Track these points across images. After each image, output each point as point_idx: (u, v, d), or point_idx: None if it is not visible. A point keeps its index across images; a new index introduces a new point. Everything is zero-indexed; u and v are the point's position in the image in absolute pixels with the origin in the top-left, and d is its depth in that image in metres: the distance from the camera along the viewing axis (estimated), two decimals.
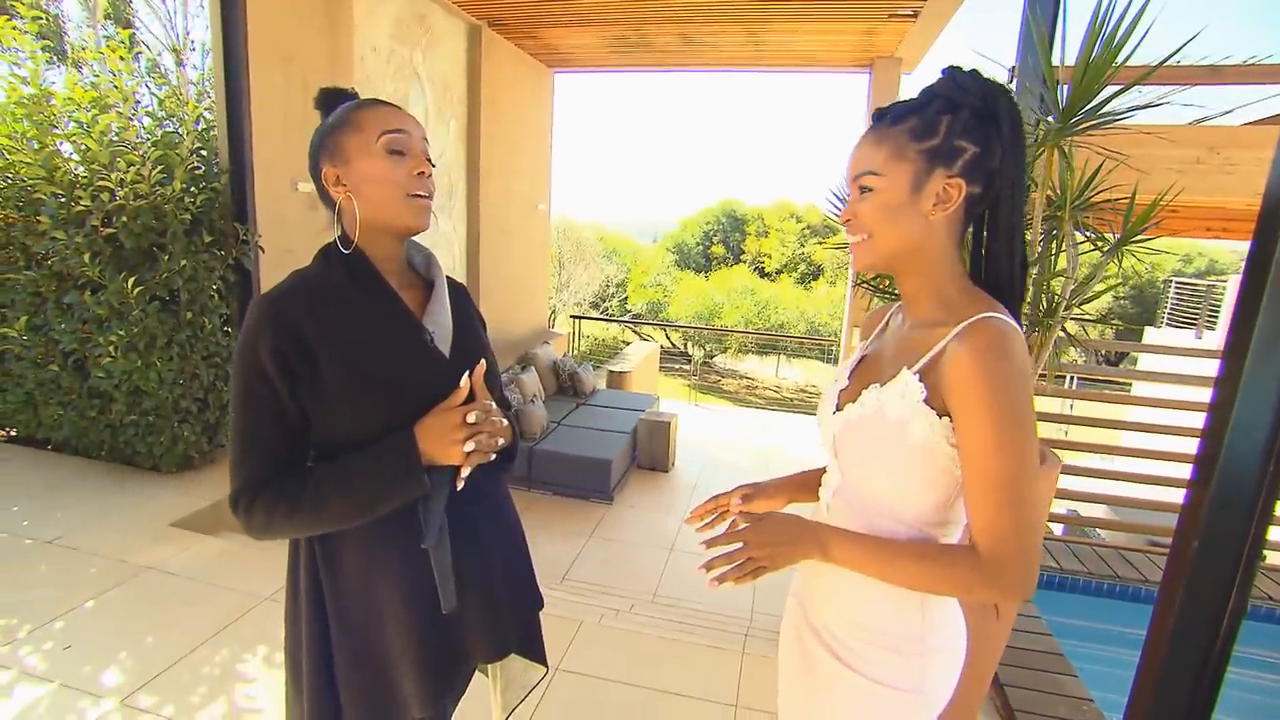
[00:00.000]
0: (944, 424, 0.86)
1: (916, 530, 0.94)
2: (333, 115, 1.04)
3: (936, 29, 5.28)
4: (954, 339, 0.85)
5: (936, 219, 0.90)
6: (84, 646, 2.28)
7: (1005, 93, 0.88)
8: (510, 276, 6.88)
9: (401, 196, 1.00)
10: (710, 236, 28.93)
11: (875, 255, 0.94)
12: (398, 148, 1.00)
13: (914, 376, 0.89)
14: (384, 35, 4.57)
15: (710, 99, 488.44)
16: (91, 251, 3.12)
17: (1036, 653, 2.47)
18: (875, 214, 0.91)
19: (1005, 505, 0.81)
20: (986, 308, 0.87)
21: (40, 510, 3.17)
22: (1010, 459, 0.81)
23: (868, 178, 0.91)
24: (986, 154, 0.88)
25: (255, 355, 0.94)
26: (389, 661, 1.04)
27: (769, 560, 0.89)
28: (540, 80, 7.28)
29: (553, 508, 4.96)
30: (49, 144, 3.32)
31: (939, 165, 0.88)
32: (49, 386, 3.50)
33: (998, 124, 0.88)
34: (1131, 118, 1.56)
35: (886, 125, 0.92)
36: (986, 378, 0.81)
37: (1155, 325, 13.22)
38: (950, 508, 0.92)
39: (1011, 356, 0.82)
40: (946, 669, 0.98)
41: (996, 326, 0.84)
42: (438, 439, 0.98)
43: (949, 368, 0.85)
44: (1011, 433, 0.80)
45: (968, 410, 0.83)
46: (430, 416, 0.99)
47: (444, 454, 0.98)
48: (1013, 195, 0.90)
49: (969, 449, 0.83)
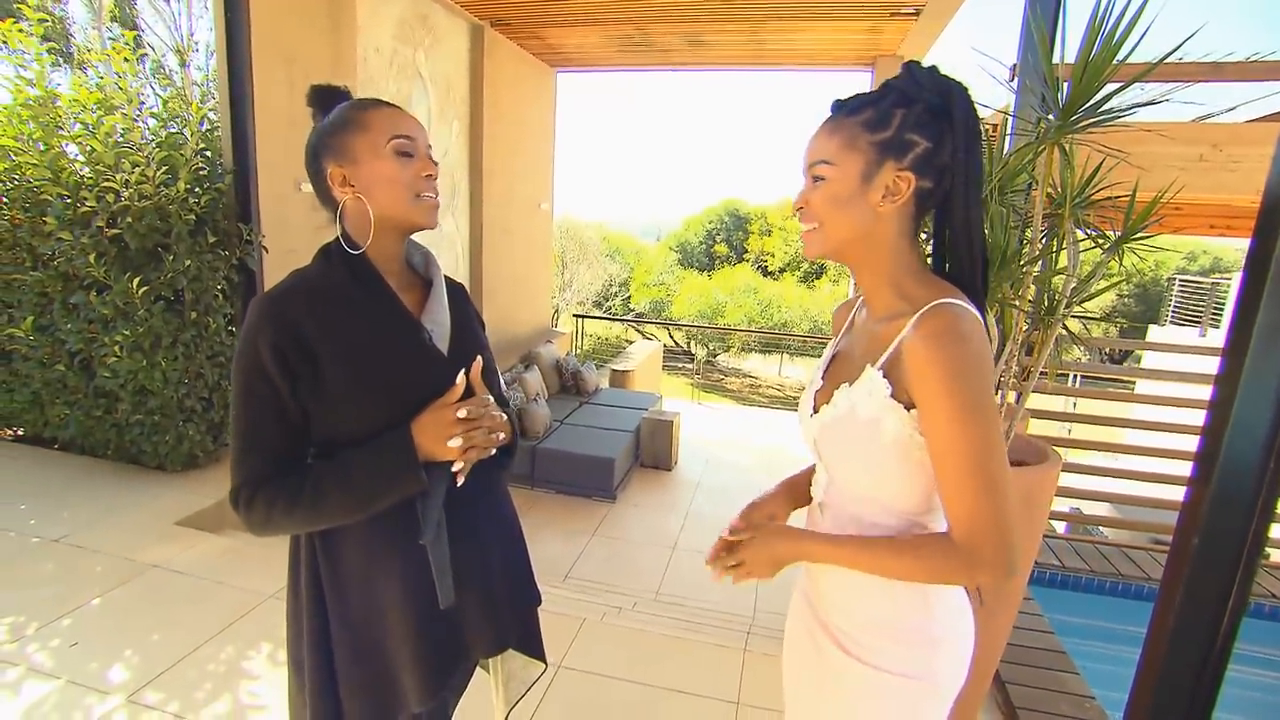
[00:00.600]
0: (912, 416, 0.87)
1: (907, 520, 0.95)
2: (334, 114, 1.04)
3: (939, 27, 5.28)
4: (910, 328, 0.86)
5: (885, 211, 0.91)
6: (90, 644, 2.30)
7: (960, 89, 0.89)
8: (513, 276, 6.89)
9: (411, 197, 1.02)
10: (713, 235, 28.94)
11: (825, 245, 0.95)
12: (406, 150, 1.01)
13: (878, 373, 0.90)
14: (387, 36, 4.58)
15: (713, 98, 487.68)
16: (97, 252, 3.14)
17: (1038, 650, 2.47)
18: (825, 203, 0.92)
19: (973, 487, 0.81)
20: (941, 294, 0.88)
21: (47, 509, 3.19)
22: (973, 441, 0.81)
23: (820, 167, 0.92)
24: (938, 149, 0.89)
25: (256, 353, 0.95)
26: (389, 656, 1.05)
27: (755, 571, 0.97)
28: (543, 80, 7.29)
29: (556, 506, 4.97)
30: (55, 145, 3.34)
31: (889, 158, 0.89)
32: (55, 386, 3.52)
33: (951, 120, 0.89)
34: (1132, 115, 1.56)
35: (843, 115, 0.93)
36: (942, 362, 0.82)
37: (1159, 323, 13.16)
38: (933, 494, 0.93)
39: (966, 340, 0.82)
40: (954, 657, 0.98)
41: (950, 311, 0.84)
42: (434, 435, 0.98)
43: (907, 358, 0.86)
44: (972, 415, 0.81)
45: (927, 397, 0.83)
46: (426, 413, 0.99)
47: (441, 450, 0.98)
48: (966, 190, 0.90)
49: (933, 435, 0.84)
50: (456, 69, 5.56)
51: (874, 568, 0.90)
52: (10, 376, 3.64)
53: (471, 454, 1.00)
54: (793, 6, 5.02)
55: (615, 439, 5.44)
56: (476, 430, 1.00)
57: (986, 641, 2.03)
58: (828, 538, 0.95)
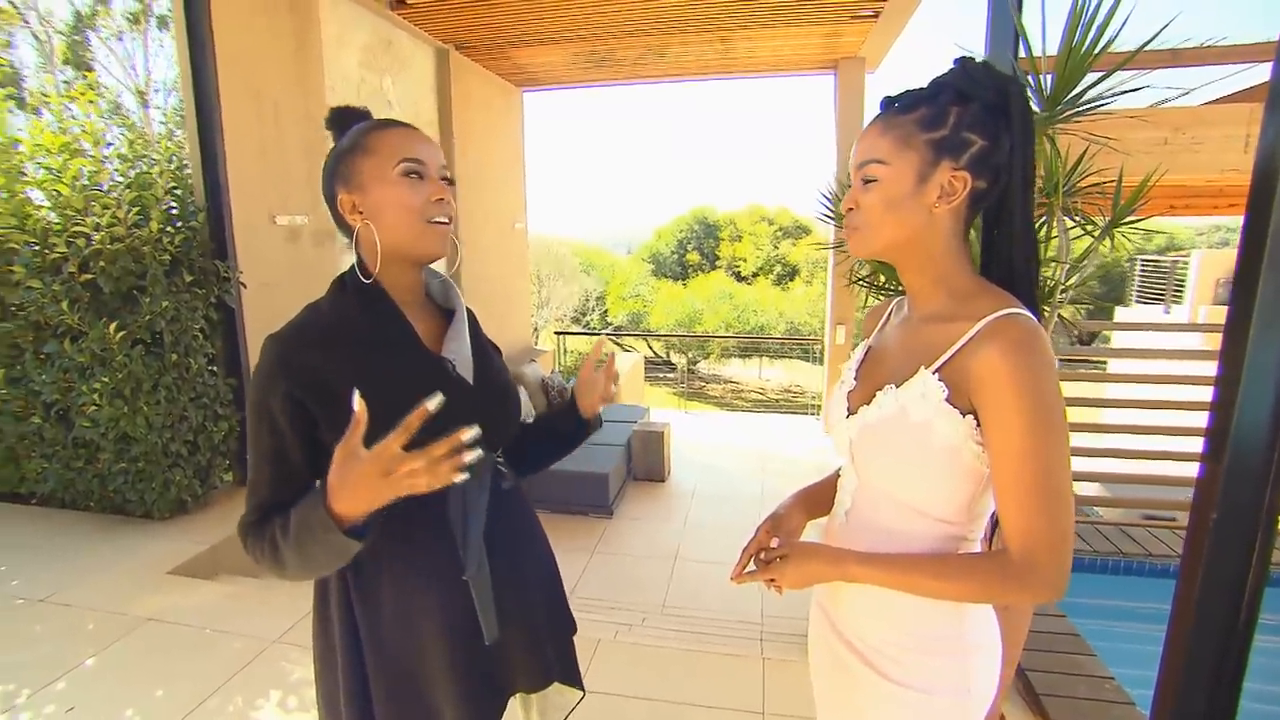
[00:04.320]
0: (968, 422, 0.84)
1: (941, 528, 0.91)
2: (346, 138, 1.00)
3: (898, 27, 5.39)
4: (979, 337, 0.83)
5: (940, 212, 0.88)
6: (89, 707, 2.20)
7: (1018, 86, 0.86)
8: (492, 296, 6.84)
9: (420, 223, 0.97)
10: (685, 244, 29.08)
11: (874, 245, 0.92)
12: (415, 171, 0.97)
13: (933, 376, 0.87)
14: (353, 63, 4.55)
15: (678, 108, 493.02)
16: (70, 299, 3.04)
17: (1053, 634, 2.49)
18: (878, 204, 0.89)
19: (1040, 506, 0.79)
20: (1004, 303, 0.85)
21: (29, 568, 3.06)
22: (1045, 459, 0.79)
23: (873, 166, 0.89)
24: (995, 148, 0.86)
25: (266, 403, 0.92)
26: (429, 695, 1.01)
27: (792, 584, 0.94)
28: (510, 100, 7.29)
29: (553, 525, 4.90)
30: (18, 192, 3.24)
31: (945, 157, 0.86)
32: (31, 439, 3.40)
33: (1008, 118, 0.86)
34: (1114, 102, 1.60)
35: (895, 113, 0.89)
36: (1019, 377, 0.79)
37: (1125, 303, 13.48)
38: (976, 502, 0.90)
39: (1042, 353, 0.80)
40: (989, 665, 0.95)
41: (1024, 324, 0.81)
42: (354, 487, 0.80)
43: (977, 367, 0.82)
44: (1046, 433, 0.78)
45: (1001, 410, 0.80)
46: (334, 470, 0.81)
47: (372, 496, 0.80)
48: (1024, 190, 0.88)
49: (1001, 450, 0.81)
50: (424, 93, 5.53)
51: (919, 588, 0.86)
52: None
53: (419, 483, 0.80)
54: (752, 15, 5.08)
55: (607, 453, 5.40)
56: (405, 463, 0.79)
57: (1012, 635, 2.04)
58: (869, 558, 0.90)
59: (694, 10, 4.96)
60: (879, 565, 0.89)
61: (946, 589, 0.85)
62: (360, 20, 4.58)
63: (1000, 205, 0.91)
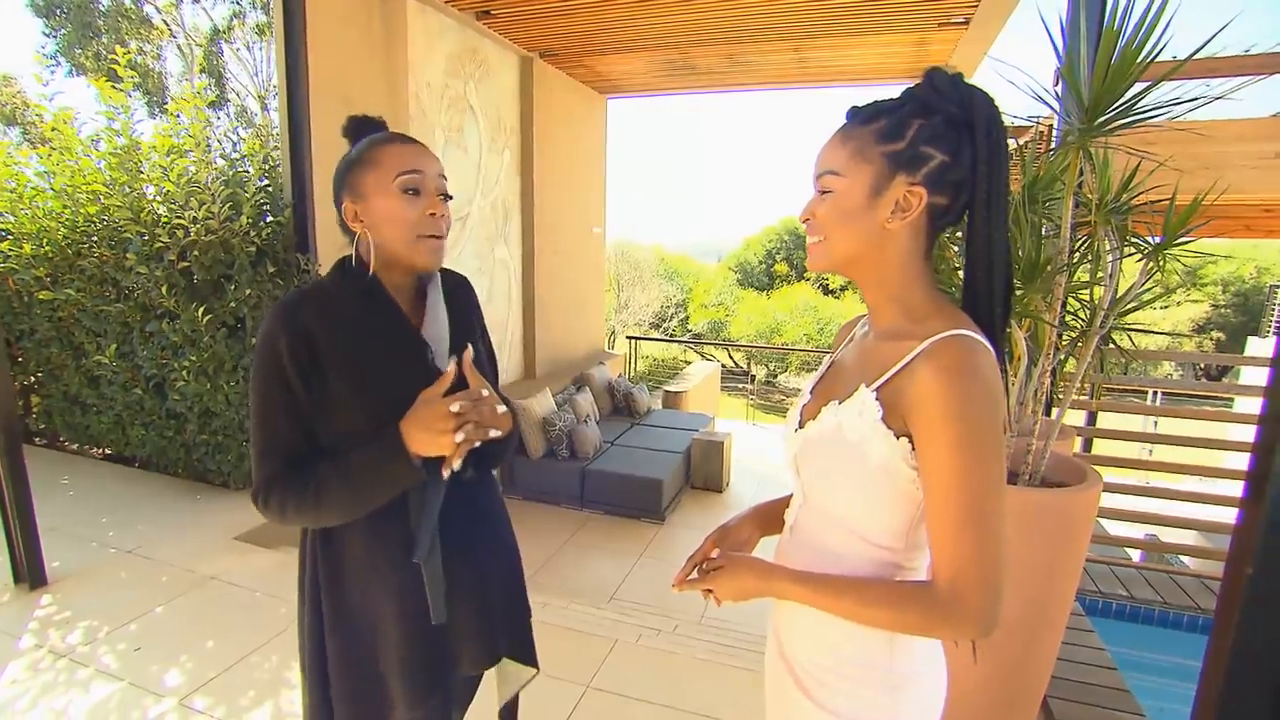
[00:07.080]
0: (902, 444, 0.82)
1: (879, 554, 0.89)
2: (355, 149, 1.08)
3: (992, 34, 5.12)
4: (919, 358, 0.80)
5: (894, 227, 0.85)
6: (152, 648, 2.45)
7: (984, 98, 0.82)
8: (565, 299, 7.01)
9: (413, 237, 1.04)
10: (773, 254, 28.62)
11: (829, 259, 0.90)
12: (413, 186, 1.03)
13: (871, 394, 0.85)
14: (438, 71, 4.80)
15: (771, 117, 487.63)
16: (169, 284, 3.39)
17: (1098, 687, 2.30)
18: (832, 216, 0.87)
19: (968, 537, 0.76)
20: (954, 323, 0.82)
21: (124, 523, 3.43)
22: (974, 488, 0.76)
23: (828, 178, 0.87)
24: (955, 163, 0.82)
25: (275, 355, 0.99)
26: (378, 664, 1.08)
27: (726, 597, 0.95)
28: (593, 106, 7.45)
29: (604, 527, 4.98)
30: (137, 188, 3.64)
31: (901, 171, 0.83)
32: (134, 408, 3.81)
33: (972, 133, 0.82)
34: (1163, 115, 1.48)
35: (856, 124, 0.87)
36: (950, 401, 0.76)
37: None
38: (915, 530, 0.87)
39: (977, 377, 0.77)
40: (923, 701, 0.91)
41: (962, 344, 0.79)
42: (423, 430, 0.97)
43: (912, 388, 0.80)
44: (976, 461, 0.75)
45: (930, 434, 0.78)
46: (414, 409, 0.98)
47: (432, 444, 0.97)
48: (988, 207, 0.83)
49: (930, 475, 0.78)
50: (506, 100, 5.76)
51: (843, 612, 0.84)
52: (98, 399, 3.96)
53: (464, 446, 0.98)
54: (834, 23, 4.98)
55: (665, 460, 5.42)
56: (468, 424, 0.97)
57: (1031, 667, 1.91)
58: (798, 576, 0.89)
59: (770, 19, 4.92)
60: (808, 585, 0.87)
61: (870, 615, 0.83)
62: (446, 30, 4.83)
63: (968, 223, 0.87)
